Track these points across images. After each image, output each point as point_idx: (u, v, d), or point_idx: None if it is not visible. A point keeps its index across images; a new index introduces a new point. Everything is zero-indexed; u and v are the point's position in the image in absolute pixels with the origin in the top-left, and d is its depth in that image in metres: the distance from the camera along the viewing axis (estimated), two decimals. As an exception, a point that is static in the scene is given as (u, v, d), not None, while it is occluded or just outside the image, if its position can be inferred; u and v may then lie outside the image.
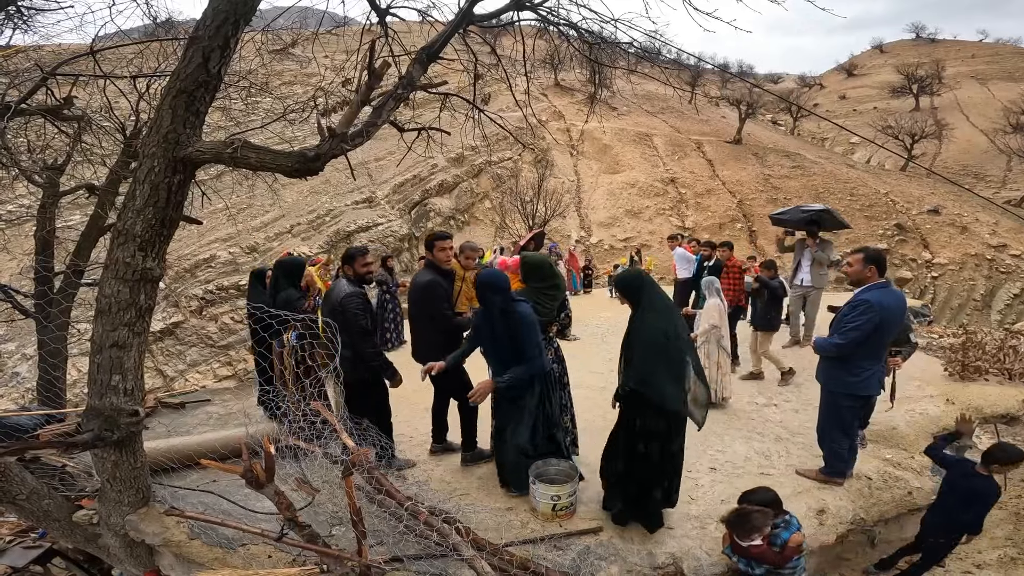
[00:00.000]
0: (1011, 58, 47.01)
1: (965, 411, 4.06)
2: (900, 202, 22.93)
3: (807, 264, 6.85)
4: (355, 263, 3.74)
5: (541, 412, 3.41)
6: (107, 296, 2.45)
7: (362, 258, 3.78)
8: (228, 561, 2.96)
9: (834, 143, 37.50)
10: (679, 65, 7.30)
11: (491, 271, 3.46)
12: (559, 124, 27.75)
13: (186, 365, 12.90)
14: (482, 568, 2.56)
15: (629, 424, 3.17)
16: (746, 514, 2.69)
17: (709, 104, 35.93)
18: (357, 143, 2.58)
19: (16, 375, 11.01)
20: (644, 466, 3.11)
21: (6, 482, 2.60)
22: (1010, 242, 20.94)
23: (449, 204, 21.08)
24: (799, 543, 2.63)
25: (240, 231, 15.19)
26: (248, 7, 2.35)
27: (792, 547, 2.62)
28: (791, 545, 2.62)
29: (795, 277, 7.03)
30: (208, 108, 2.45)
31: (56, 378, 5.32)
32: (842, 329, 3.37)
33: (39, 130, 5.74)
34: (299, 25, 6.03)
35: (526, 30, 4.12)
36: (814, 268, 6.80)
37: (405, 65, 3.15)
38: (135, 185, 2.41)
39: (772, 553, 2.67)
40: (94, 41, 4.61)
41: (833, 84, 52.07)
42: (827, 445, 3.73)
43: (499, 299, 3.23)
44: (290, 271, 4.31)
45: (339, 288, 3.68)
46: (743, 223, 22.53)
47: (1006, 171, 30.45)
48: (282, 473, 2.91)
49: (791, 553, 2.62)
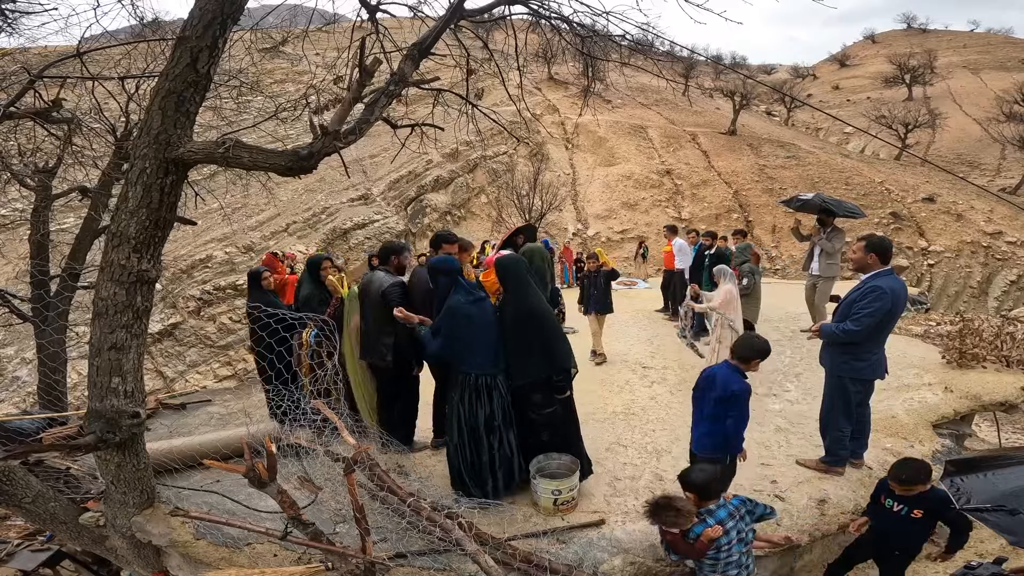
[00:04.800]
0: (1003, 47, 46.98)
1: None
2: (895, 191, 22.97)
3: (818, 253, 6.90)
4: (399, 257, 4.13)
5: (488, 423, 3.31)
6: (104, 299, 2.44)
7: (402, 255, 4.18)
8: (234, 560, 2.98)
9: (828, 133, 37.49)
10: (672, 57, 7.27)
11: (443, 256, 3.66)
12: (553, 118, 27.66)
13: (186, 366, 12.87)
14: (486, 562, 2.57)
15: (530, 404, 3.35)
16: (657, 509, 2.54)
17: (703, 96, 35.84)
18: (350, 140, 2.57)
19: (16, 379, 10.97)
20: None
21: (11, 486, 2.60)
22: (1006, 229, 21.02)
23: (445, 199, 21.02)
24: (711, 538, 2.47)
25: (236, 231, 15.10)
26: (235, 6, 2.33)
27: (704, 542, 2.47)
28: (703, 540, 2.48)
29: (808, 266, 7.11)
30: (198, 108, 2.44)
31: (56, 381, 5.31)
32: (855, 315, 3.37)
33: (29, 133, 5.70)
34: (289, 23, 5.98)
35: (518, 24, 4.11)
36: (823, 258, 6.82)
37: (397, 61, 3.13)
38: (127, 187, 2.40)
39: (684, 544, 2.54)
40: (80, 43, 4.57)
41: (826, 75, 51.98)
42: (831, 432, 3.75)
43: (444, 281, 3.39)
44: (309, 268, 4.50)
45: (379, 279, 3.90)
46: (739, 213, 22.55)
47: (1000, 159, 30.52)
48: (284, 472, 2.92)
49: (702, 547, 2.49)
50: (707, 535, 2.47)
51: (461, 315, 3.23)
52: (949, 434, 4.78)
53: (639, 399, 5.31)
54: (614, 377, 5.99)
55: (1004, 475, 2.36)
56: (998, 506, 2.15)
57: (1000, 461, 2.59)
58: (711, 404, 3.07)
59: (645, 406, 5.12)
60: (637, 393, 5.49)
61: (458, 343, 3.25)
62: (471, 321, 3.22)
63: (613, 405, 5.17)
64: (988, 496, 2.22)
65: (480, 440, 3.28)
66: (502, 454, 3.32)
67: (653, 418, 4.84)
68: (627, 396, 5.41)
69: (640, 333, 7.82)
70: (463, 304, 3.25)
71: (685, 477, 2.68)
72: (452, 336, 3.26)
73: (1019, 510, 2.10)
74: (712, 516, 2.56)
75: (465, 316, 3.23)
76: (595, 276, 6.46)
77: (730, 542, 2.55)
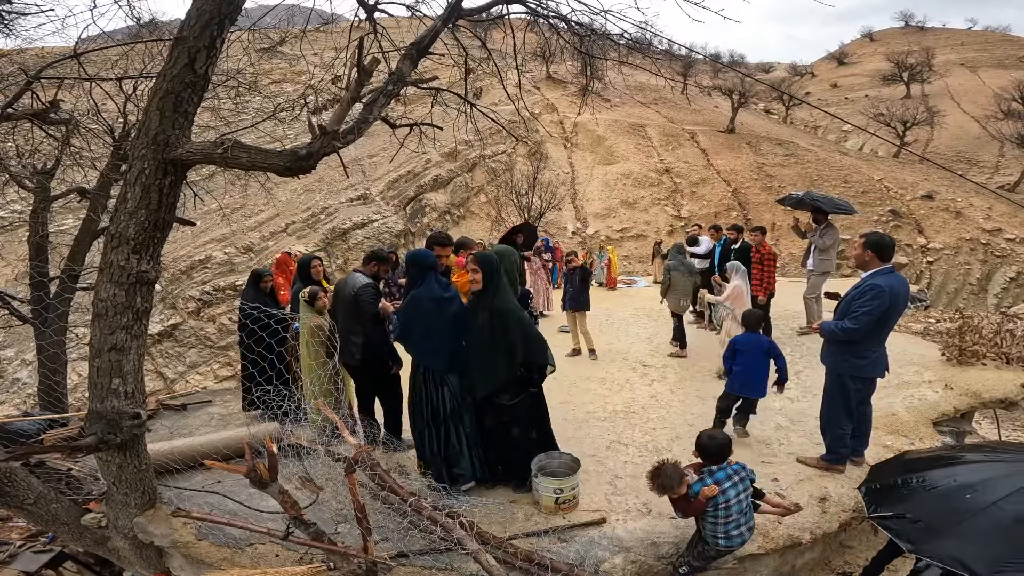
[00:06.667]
0: (1000, 45, 46.98)
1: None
2: (894, 188, 22.98)
3: (812, 250, 7.08)
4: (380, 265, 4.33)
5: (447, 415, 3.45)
6: (103, 300, 2.44)
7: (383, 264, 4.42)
8: (236, 561, 2.98)
9: (827, 131, 37.49)
10: (671, 56, 7.28)
11: (419, 250, 3.74)
12: (552, 117, 27.64)
13: (186, 367, 12.86)
14: (487, 561, 2.57)
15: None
16: (657, 472, 2.82)
17: (701, 94, 35.82)
18: (348, 140, 2.57)
19: (17, 381, 10.96)
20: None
21: (13, 487, 2.60)
22: (1004, 226, 21.03)
23: (444, 199, 21.01)
24: (708, 496, 2.75)
25: (235, 231, 15.09)
26: (233, 7, 2.32)
27: (701, 500, 2.76)
28: (700, 498, 2.76)
29: (805, 262, 7.30)
30: (196, 109, 2.43)
31: (57, 383, 5.31)
32: (853, 313, 3.38)
33: (27, 134, 5.69)
34: (287, 23, 5.98)
35: (516, 23, 4.10)
36: (816, 253, 6.96)
37: (395, 61, 3.12)
38: (126, 188, 2.39)
39: (685, 502, 2.81)
40: (78, 43, 4.56)
41: (824, 72, 51.96)
42: (831, 430, 3.75)
43: (415, 273, 3.48)
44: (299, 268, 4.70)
45: (354, 279, 3.99)
46: (739, 211, 22.55)
47: (999, 156, 30.53)
48: (286, 472, 2.92)
49: (700, 505, 2.76)
50: (704, 493, 2.76)
51: (420, 308, 3.39)
52: (949, 431, 4.79)
53: (639, 397, 5.32)
54: (614, 375, 6.00)
55: (924, 481, 2.37)
56: (899, 514, 2.18)
57: (929, 464, 2.60)
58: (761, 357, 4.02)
59: (646, 404, 5.13)
60: (637, 392, 5.49)
61: (414, 334, 3.42)
62: (429, 316, 3.37)
63: (613, 404, 5.17)
64: (897, 505, 2.27)
65: (431, 428, 3.46)
66: (451, 447, 3.44)
67: (654, 416, 4.84)
68: (627, 394, 5.41)
69: (640, 331, 7.82)
70: (423, 299, 3.39)
71: (698, 439, 2.98)
72: (408, 326, 3.43)
73: (920, 519, 2.13)
74: (711, 476, 2.84)
75: (424, 310, 3.38)
76: (571, 274, 6.83)
77: (728, 501, 2.78)
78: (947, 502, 2.15)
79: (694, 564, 2.95)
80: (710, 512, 2.79)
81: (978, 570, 1.86)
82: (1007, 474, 2.17)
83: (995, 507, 2.00)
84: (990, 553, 1.88)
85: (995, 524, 1.95)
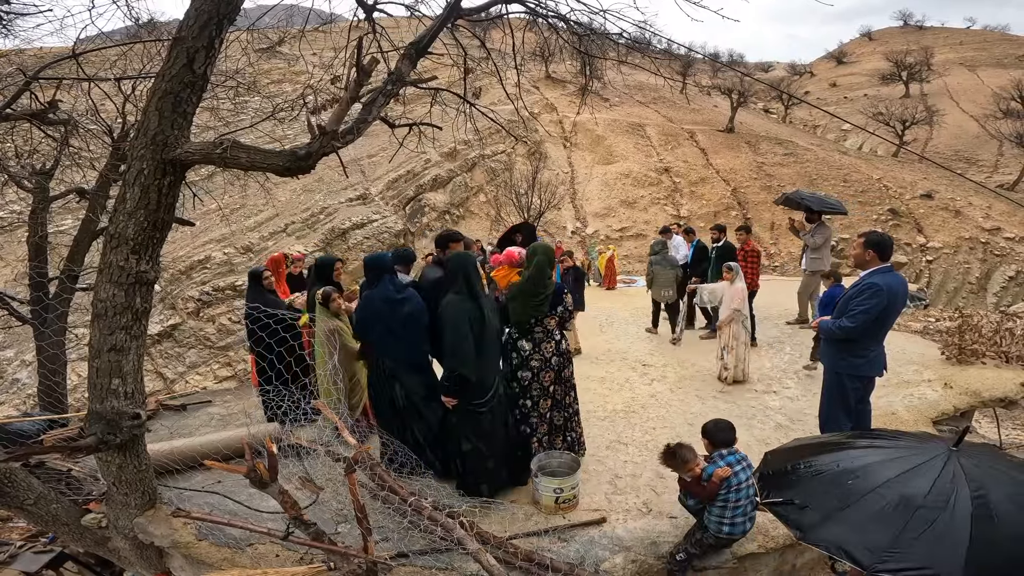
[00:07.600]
0: (999, 44, 46.99)
1: None
2: (893, 187, 22.99)
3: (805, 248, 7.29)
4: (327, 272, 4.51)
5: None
6: (103, 300, 2.44)
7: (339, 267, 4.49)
8: (237, 561, 2.98)
9: (826, 130, 37.50)
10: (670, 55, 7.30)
11: (378, 253, 3.91)
12: (551, 116, 27.63)
13: (186, 367, 12.85)
14: (487, 561, 2.58)
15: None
16: (672, 450, 2.93)
17: (701, 93, 35.81)
18: (348, 140, 2.57)
19: (16, 381, 10.95)
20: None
21: (13, 488, 2.60)
22: (1004, 225, 21.04)
23: (444, 199, 21.00)
24: (722, 477, 2.81)
25: (234, 231, 15.07)
26: (232, 7, 2.32)
27: (715, 481, 2.81)
28: (714, 480, 2.82)
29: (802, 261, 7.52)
30: (195, 109, 2.43)
31: (56, 383, 5.31)
32: (850, 312, 3.38)
33: (25, 135, 5.69)
34: (285, 23, 5.98)
35: (515, 22, 4.10)
36: (808, 252, 7.15)
37: (394, 61, 3.12)
38: (125, 188, 2.39)
39: (698, 486, 2.87)
40: (76, 44, 4.55)
41: (823, 72, 51.97)
42: (830, 428, 3.75)
43: (371, 276, 3.62)
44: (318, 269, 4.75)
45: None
46: (738, 211, 22.56)
47: (997, 155, 30.54)
48: (286, 472, 2.92)
49: (713, 487, 2.82)
50: (717, 474, 2.82)
51: (372, 307, 3.54)
52: (949, 430, 4.79)
53: (639, 397, 5.32)
54: (614, 375, 6.00)
55: (811, 466, 2.32)
56: (788, 500, 2.16)
57: (817, 449, 2.54)
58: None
59: (645, 404, 5.13)
60: (637, 391, 5.49)
61: (369, 332, 3.60)
62: (381, 316, 3.51)
63: (613, 403, 5.17)
64: (787, 491, 2.22)
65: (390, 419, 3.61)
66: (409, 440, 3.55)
67: (654, 416, 4.84)
68: (627, 394, 5.41)
69: (640, 331, 7.81)
70: (375, 299, 3.53)
71: (703, 428, 3.06)
72: (363, 323, 3.62)
73: (808, 504, 2.10)
74: (723, 459, 2.91)
75: (375, 309, 3.52)
76: (564, 274, 7.04)
77: (740, 483, 2.85)
78: (831, 487, 2.10)
79: (691, 551, 2.99)
80: (721, 494, 2.84)
81: (861, 559, 1.82)
82: (887, 459, 2.13)
83: (875, 493, 1.97)
84: (872, 541, 1.85)
85: (878, 511, 1.91)
